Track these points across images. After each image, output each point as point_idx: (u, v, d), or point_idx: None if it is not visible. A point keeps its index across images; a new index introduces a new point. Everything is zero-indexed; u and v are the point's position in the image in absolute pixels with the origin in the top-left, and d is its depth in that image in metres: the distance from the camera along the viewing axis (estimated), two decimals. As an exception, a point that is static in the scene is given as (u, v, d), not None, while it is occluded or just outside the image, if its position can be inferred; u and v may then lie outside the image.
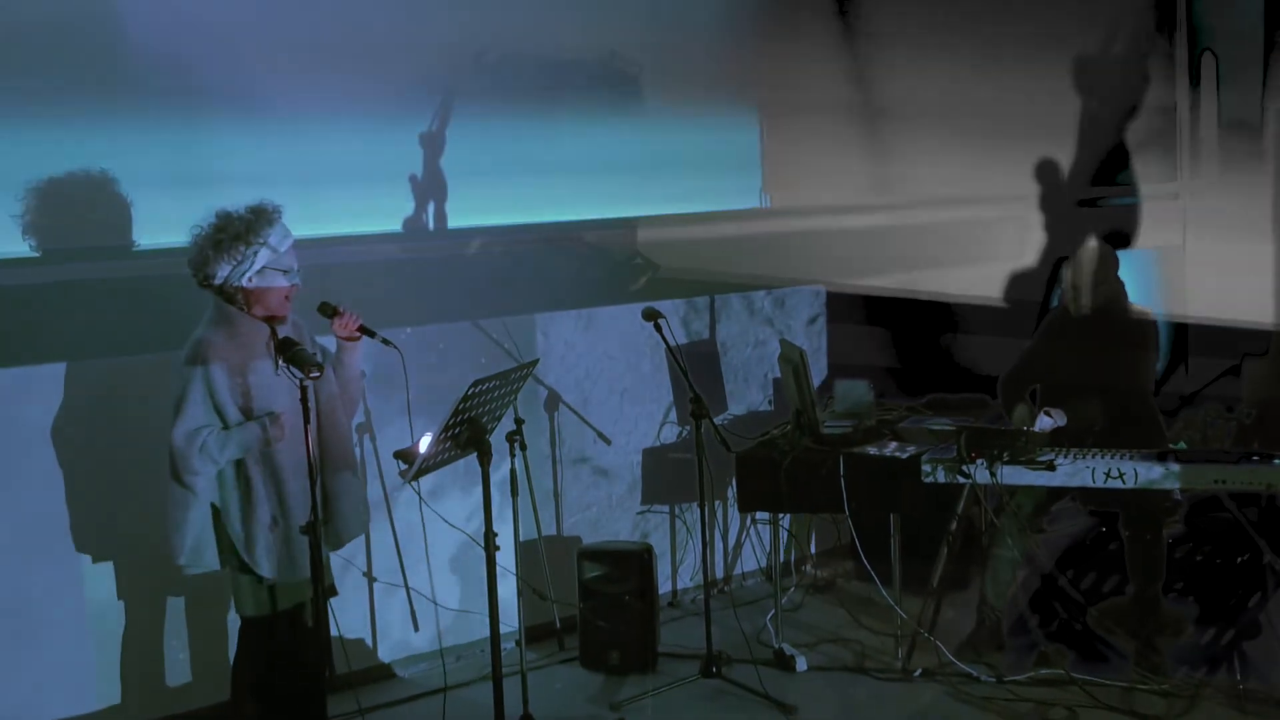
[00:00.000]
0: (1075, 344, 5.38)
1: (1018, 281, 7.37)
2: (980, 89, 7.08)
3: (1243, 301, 7.50)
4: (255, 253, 4.19)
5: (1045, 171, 7.53)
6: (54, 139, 4.68)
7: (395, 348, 4.31)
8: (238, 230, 4.19)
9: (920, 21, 7.00)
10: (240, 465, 4.20)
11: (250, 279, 4.20)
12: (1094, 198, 7.80)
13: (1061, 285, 5.53)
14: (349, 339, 4.45)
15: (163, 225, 4.78)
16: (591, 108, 6.02)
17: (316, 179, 5.09)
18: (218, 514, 4.23)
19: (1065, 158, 7.64)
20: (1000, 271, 7.39)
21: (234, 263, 4.18)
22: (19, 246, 4.69)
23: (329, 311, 4.41)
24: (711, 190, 6.50)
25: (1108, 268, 5.39)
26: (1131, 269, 5.60)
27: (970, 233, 7.25)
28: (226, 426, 4.16)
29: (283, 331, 4.28)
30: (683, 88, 6.29)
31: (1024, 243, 7.45)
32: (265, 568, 4.22)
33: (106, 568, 4.85)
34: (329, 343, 4.57)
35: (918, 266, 7.05)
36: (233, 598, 4.41)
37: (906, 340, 7.11)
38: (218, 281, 4.21)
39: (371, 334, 4.40)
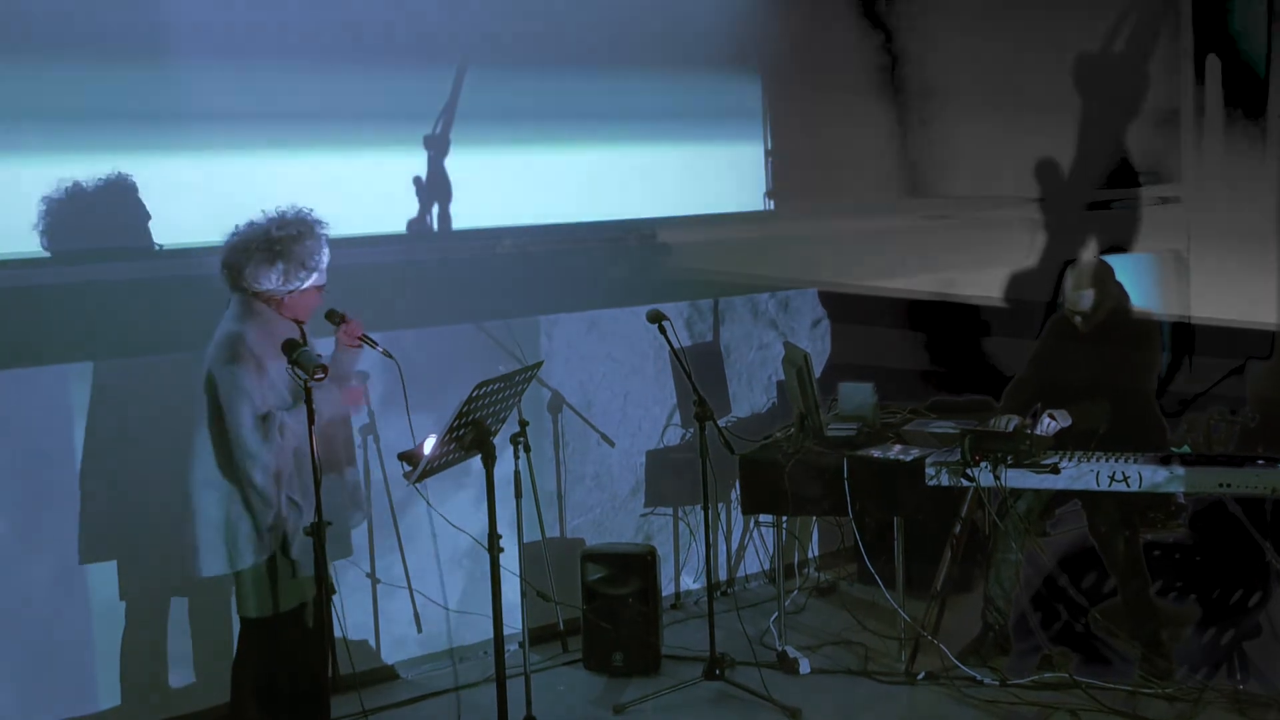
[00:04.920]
0: (1079, 350, 5.37)
1: (1024, 283, 7.35)
2: (989, 90, 7.09)
3: (1246, 304, 7.49)
4: (309, 276, 4.27)
5: (1046, 172, 7.51)
6: (76, 140, 4.71)
7: (394, 360, 4.34)
8: (297, 254, 4.23)
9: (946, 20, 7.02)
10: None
11: (293, 293, 4.27)
12: (1104, 200, 7.77)
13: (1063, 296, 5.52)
14: (350, 346, 4.47)
15: (179, 228, 4.85)
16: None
17: (320, 181, 5.10)
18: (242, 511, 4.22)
19: (1069, 159, 7.62)
20: (1008, 273, 7.37)
21: (286, 278, 4.23)
22: (33, 247, 4.69)
23: (336, 319, 4.45)
24: (715, 193, 6.50)
25: (1105, 283, 5.37)
26: (1135, 272, 5.59)
27: (979, 234, 7.24)
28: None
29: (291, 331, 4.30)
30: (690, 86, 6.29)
31: (1033, 245, 7.43)
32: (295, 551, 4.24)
33: (110, 568, 4.84)
34: (322, 345, 4.56)
35: (924, 268, 7.04)
36: (236, 599, 4.41)
37: (911, 342, 7.10)
38: (259, 288, 4.23)
39: (373, 344, 4.43)
